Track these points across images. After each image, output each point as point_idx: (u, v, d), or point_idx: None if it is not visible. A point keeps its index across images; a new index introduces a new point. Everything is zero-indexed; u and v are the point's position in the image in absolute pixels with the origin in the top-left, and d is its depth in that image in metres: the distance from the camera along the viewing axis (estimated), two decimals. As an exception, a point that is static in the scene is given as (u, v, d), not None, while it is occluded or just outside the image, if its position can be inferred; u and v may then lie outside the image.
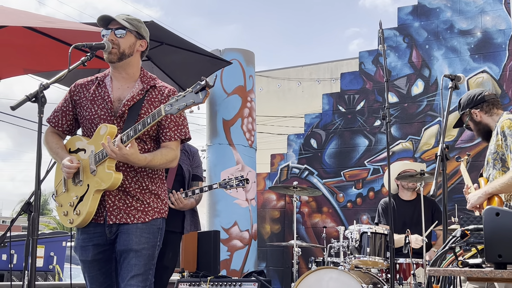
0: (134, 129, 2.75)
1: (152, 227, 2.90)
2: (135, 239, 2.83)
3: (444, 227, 3.10)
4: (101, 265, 2.94)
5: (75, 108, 3.04)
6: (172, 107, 2.63)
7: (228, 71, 6.75)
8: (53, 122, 3.06)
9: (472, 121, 3.70)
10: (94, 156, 2.85)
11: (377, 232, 4.65)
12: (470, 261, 1.97)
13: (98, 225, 2.89)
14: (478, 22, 6.71)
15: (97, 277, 2.95)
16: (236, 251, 6.71)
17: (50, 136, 3.06)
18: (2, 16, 4.07)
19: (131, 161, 2.78)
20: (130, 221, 2.86)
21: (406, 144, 6.88)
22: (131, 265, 2.82)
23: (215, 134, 6.92)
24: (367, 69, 7.25)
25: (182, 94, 2.61)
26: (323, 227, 5.77)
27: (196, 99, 2.57)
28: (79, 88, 3.05)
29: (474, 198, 3.39)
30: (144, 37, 3.01)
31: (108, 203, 2.86)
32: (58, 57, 4.58)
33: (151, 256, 2.89)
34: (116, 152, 2.72)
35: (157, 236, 2.92)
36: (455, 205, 5.21)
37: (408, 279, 4.63)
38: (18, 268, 5.69)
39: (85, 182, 2.87)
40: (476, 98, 3.67)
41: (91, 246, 2.91)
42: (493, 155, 3.46)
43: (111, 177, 2.78)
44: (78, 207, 2.87)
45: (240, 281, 4.78)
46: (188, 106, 2.59)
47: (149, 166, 2.88)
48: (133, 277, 2.81)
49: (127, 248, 2.83)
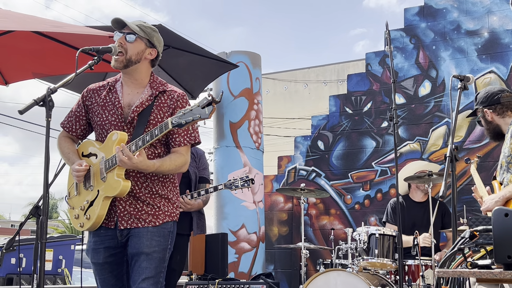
0: (143, 140, 2.78)
1: (163, 230, 2.91)
2: (146, 242, 2.85)
3: (454, 228, 3.08)
4: (113, 267, 2.96)
5: (87, 113, 3.07)
6: (179, 120, 2.65)
7: (235, 73, 6.76)
8: (67, 127, 3.09)
9: (483, 119, 3.69)
10: (104, 163, 2.89)
11: (385, 233, 4.64)
12: (479, 262, 1.96)
13: (109, 229, 2.92)
14: (485, 22, 6.68)
15: (108, 279, 2.97)
16: (244, 253, 6.70)
17: (63, 141, 3.10)
18: (10, 21, 4.09)
19: (140, 168, 2.81)
20: (141, 225, 2.88)
21: (414, 145, 6.86)
22: (142, 268, 2.83)
23: (222, 136, 6.92)
24: (374, 71, 7.24)
25: (189, 108, 2.63)
26: (331, 229, 5.76)
27: (202, 114, 2.59)
28: (91, 93, 3.08)
29: (492, 202, 3.32)
30: (155, 46, 3.00)
31: (119, 209, 2.89)
32: (66, 61, 4.60)
33: (162, 259, 2.90)
34: (125, 161, 2.74)
35: (168, 240, 2.94)
36: (464, 206, 5.18)
37: (417, 280, 4.61)
38: (27, 272, 5.71)
39: (96, 188, 2.91)
40: (492, 97, 3.64)
41: (102, 249, 2.93)
42: (507, 158, 3.42)
43: (120, 185, 2.80)
44: (89, 212, 2.90)
45: (248, 284, 4.78)
46: (194, 120, 2.62)
47: (159, 172, 2.90)
48: (144, 280, 2.82)
49: (138, 251, 2.85)
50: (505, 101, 3.61)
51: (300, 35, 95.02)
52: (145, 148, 2.84)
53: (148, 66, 3.03)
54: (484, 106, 3.65)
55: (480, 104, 3.68)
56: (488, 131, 3.69)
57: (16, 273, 5.82)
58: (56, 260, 6.38)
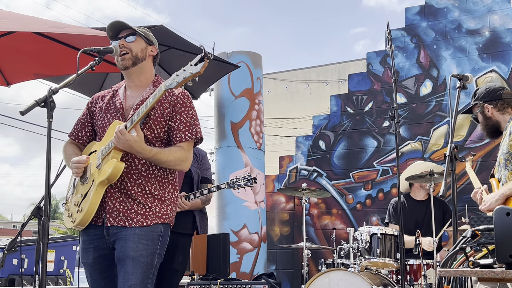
0: (138, 113, 2.72)
1: (152, 233, 2.79)
2: (132, 246, 2.73)
3: (455, 227, 3.08)
4: (102, 269, 2.88)
5: (92, 119, 3.06)
6: (172, 81, 2.61)
7: (236, 74, 6.76)
8: (73, 135, 3.08)
9: (482, 115, 3.65)
10: (101, 151, 2.83)
11: (387, 233, 4.64)
12: (481, 261, 1.96)
13: (98, 227, 2.84)
14: (486, 21, 6.68)
15: (98, 281, 2.89)
16: (245, 253, 6.71)
17: (68, 146, 3.08)
18: (11, 22, 4.10)
19: (135, 149, 2.71)
20: (128, 224, 2.77)
21: (415, 144, 6.85)
22: (127, 274, 2.72)
23: (223, 136, 6.93)
24: (375, 70, 7.24)
25: (182, 69, 2.60)
26: (333, 228, 5.76)
27: (194, 70, 2.55)
28: (96, 100, 3.08)
29: (492, 201, 3.29)
30: (153, 43, 3.02)
31: (108, 205, 2.80)
32: (67, 61, 4.61)
33: (150, 264, 2.77)
34: (118, 136, 2.67)
35: (157, 244, 2.80)
36: (465, 205, 5.17)
37: (418, 280, 4.61)
38: (29, 273, 5.72)
39: (91, 178, 2.84)
40: (493, 93, 3.61)
41: (91, 249, 2.86)
42: (505, 155, 3.41)
43: (112, 165, 2.71)
44: (82, 204, 2.83)
45: (250, 284, 4.78)
46: (186, 78, 2.57)
47: (155, 161, 2.80)
48: (130, 287, 2.71)
49: (124, 255, 2.74)
50: (507, 97, 3.59)
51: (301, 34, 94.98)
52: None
53: (152, 64, 3.03)
54: (485, 101, 3.62)
55: (480, 99, 3.65)
56: (486, 127, 3.65)
57: (18, 274, 5.83)
58: (58, 260, 6.39)
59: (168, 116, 2.89)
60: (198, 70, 2.53)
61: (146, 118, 2.84)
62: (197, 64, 2.55)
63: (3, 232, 31.27)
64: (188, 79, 2.57)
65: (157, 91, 2.68)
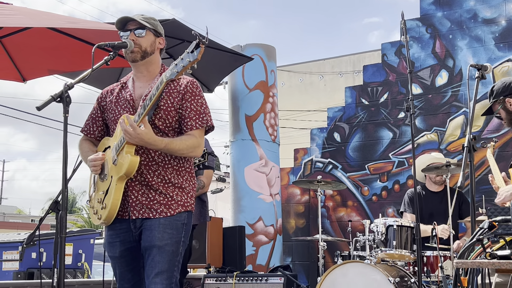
0: (144, 106, 2.75)
1: (176, 222, 2.86)
2: (157, 235, 2.81)
3: (472, 218, 3.05)
4: (129, 262, 2.95)
5: (103, 113, 3.09)
6: (171, 71, 2.64)
7: (250, 66, 6.75)
8: (85, 130, 3.12)
9: (505, 110, 3.56)
10: (115, 147, 2.87)
11: (403, 225, 4.61)
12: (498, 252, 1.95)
13: (124, 221, 2.90)
14: (502, 10, 6.59)
15: (125, 273, 2.96)
16: (261, 246, 6.72)
17: (83, 143, 3.12)
18: (26, 18, 4.13)
19: (147, 141, 2.74)
20: (152, 216, 2.84)
21: (431, 135, 6.80)
22: (155, 262, 2.80)
23: (238, 130, 6.93)
24: (390, 61, 7.19)
25: (180, 58, 2.62)
26: (349, 221, 5.74)
27: (191, 58, 2.57)
28: (105, 94, 3.10)
29: (507, 194, 3.24)
30: (161, 35, 3.04)
31: (131, 198, 2.86)
32: (82, 57, 4.63)
33: (175, 252, 2.85)
34: (129, 131, 2.70)
35: (181, 232, 2.88)
36: (483, 196, 5.13)
37: (435, 271, 4.59)
38: (48, 266, 5.78)
39: (109, 175, 2.88)
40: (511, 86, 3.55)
41: (118, 242, 2.93)
42: None
43: (127, 160, 2.75)
44: (105, 201, 2.88)
45: (266, 276, 4.80)
46: (185, 67, 2.59)
47: (168, 151, 2.84)
48: (157, 275, 2.79)
49: (150, 245, 2.82)
50: None
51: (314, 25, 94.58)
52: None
53: (159, 56, 3.06)
54: (505, 95, 3.56)
55: (499, 95, 3.58)
56: (510, 121, 3.57)
57: (36, 267, 5.90)
58: (75, 254, 6.44)
59: (178, 105, 2.91)
60: (196, 57, 2.57)
61: (156, 109, 2.87)
62: (194, 51, 2.57)
63: (22, 226, 31.65)
64: (187, 67, 2.60)
65: (159, 83, 2.73)
